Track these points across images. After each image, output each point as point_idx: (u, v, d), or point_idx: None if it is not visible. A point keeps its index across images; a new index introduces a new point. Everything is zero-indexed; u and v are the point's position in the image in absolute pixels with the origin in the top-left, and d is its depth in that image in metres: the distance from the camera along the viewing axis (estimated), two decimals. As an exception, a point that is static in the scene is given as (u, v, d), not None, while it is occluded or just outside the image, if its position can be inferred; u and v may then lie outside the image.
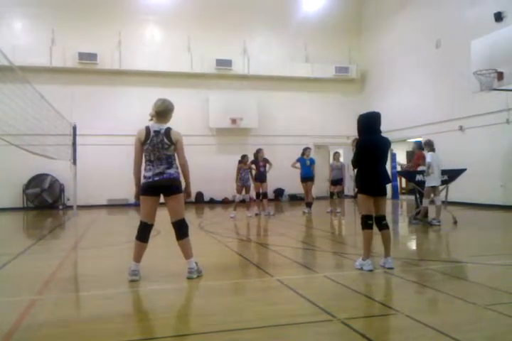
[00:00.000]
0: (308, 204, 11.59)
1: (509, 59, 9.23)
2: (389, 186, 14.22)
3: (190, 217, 10.74)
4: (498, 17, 11.47)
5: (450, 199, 9.41)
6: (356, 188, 4.98)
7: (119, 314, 3.34)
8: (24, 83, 9.24)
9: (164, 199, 4.35)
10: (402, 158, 19.27)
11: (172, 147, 4.30)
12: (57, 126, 12.05)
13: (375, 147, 4.76)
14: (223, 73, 16.64)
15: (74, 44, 15.06)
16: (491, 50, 9.69)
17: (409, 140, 15.72)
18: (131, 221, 8.48)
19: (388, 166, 10.93)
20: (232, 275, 4.63)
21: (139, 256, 4.32)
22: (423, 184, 8.71)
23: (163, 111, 4.37)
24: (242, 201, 11.21)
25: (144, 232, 4.33)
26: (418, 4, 15.11)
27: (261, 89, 16.92)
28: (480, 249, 6.00)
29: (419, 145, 9.80)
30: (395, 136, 14.03)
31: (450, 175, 8.89)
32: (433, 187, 8.46)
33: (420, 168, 9.14)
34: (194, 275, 4.31)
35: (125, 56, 15.57)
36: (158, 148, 4.26)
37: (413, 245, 6.99)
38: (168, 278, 4.39)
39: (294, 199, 16.73)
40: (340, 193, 11.92)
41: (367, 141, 4.80)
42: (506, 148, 11.51)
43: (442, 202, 8.73)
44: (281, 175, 14.34)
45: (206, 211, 13.69)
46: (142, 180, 4.34)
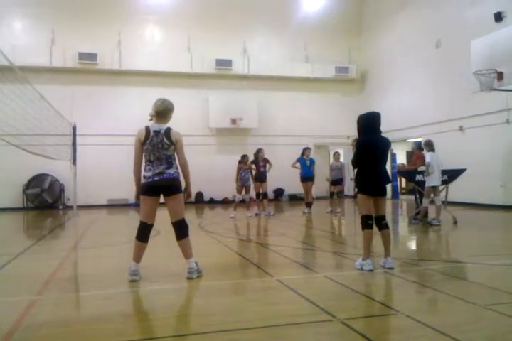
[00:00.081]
0: (308, 204, 11.59)
1: (509, 59, 9.23)
2: (389, 186, 14.21)
3: (190, 217, 10.73)
4: (498, 17, 11.47)
5: (450, 199, 9.41)
6: (356, 188, 4.98)
7: (119, 314, 3.34)
8: (24, 83, 9.23)
9: (164, 199, 4.35)
10: (402, 158, 19.27)
11: (172, 147, 4.30)
12: (57, 126, 12.05)
13: (375, 147, 4.76)
14: (223, 73, 16.63)
15: (74, 44, 15.06)
16: (491, 50, 9.69)
17: (409, 140, 15.72)
18: (131, 221, 8.48)
19: (388, 166, 10.92)
20: (232, 275, 4.62)
21: (138, 256, 4.32)
22: (423, 184, 8.72)
23: (163, 111, 4.37)
24: (242, 201, 11.21)
25: (144, 232, 4.33)
26: (418, 4, 15.11)
27: (261, 89, 16.91)
28: (480, 249, 6.00)
29: (419, 146, 9.81)
30: (395, 136, 14.04)
31: (450, 175, 8.89)
32: (433, 187, 8.47)
33: (420, 168, 9.14)
34: (194, 276, 4.31)
35: (125, 56, 15.58)
36: (158, 148, 4.26)
37: (413, 245, 6.99)
38: (168, 278, 4.39)
39: (294, 199, 16.73)
40: (340, 193, 11.94)
41: (367, 141, 4.80)
42: (506, 148, 11.51)
43: (442, 202, 8.73)
44: (281, 175, 14.35)
45: (206, 211, 13.69)
46: (142, 180, 4.34)
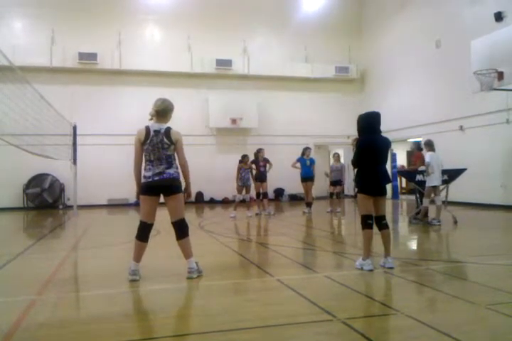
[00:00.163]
0: (309, 204, 11.59)
1: (509, 59, 9.22)
2: (389, 186, 14.22)
3: (190, 217, 10.73)
4: (498, 17, 11.47)
5: (450, 199, 9.40)
6: (356, 188, 4.98)
7: (119, 314, 3.34)
8: (24, 83, 9.23)
9: (164, 199, 4.35)
10: (402, 158, 19.28)
11: (172, 147, 4.30)
12: (58, 126, 12.05)
13: (375, 147, 4.75)
14: (223, 73, 16.63)
15: (74, 44, 15.05)
16: (491, 50, 9.68)
17: (409, 140, 15.71)
18: (132, 221, 8.46)
19: (388, 166, 10.92)
20: (232, 275, 4.62)
21: (139, 255, 4.32)
22: (423, 184, 8.71)
23: (163, 111, 4.37)
24: (243, 201, 11.22)
25: (144, 232, 4.33)
26: (418, 4, 15.10)
27: (261, 89, 16.91)
28: (480, 248, 5.99)
29: (418, 146, 9.81)
30: (394, 135, 14.03)
31: (450, 174, 8.89)
32: (434, 186, 8.47)
33: (421, 168, 9.14)
34: (194, 275, 4.31)
35: (125, 56, 15.57)
36: (158, 147, 4.26)
37: (413, 245, 6.99)
38: (168, 278, 4.39)
39: (294, 199, 16.72)
40: (339, 193, 11.95)
41: (367, 140, 4.80)
42: (506, 148, 11.51)
43: (442, 201, 8.73)
44: (282, 175, 14.37)
45: (206, 211, 13.69)
46: (142, 180, 4.34)
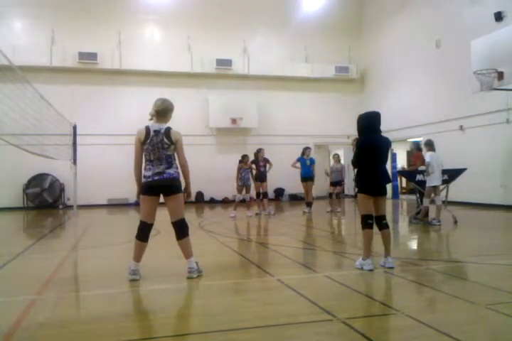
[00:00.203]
0: (309, 204, 11.60)
1: (509, 59, 9.22)
2: (389, 186, 14.22)
3: (190, 217, 10.73)
4: (498, 17, 11.46)
5: (450, 198, 9.40)
6: (356, 188, 4.98)
7: (119, 314, 3.34)
8: (24, 83, 9.23)
9: (164, 199, 4.35)
10: (402, 158, 19.27)
11: (172, 147, 4.30)
12: (58, 126, 12.05)
13: (375, 147, 4.75)
14: (223, 73, 16.63)
15: (74, 44, 15.05)
16: (491, 49, 9.68)
17: (409, 140, 15.71)
18: (132, 220, 8.47)
19: (388, 166, 10.93)
20: (232, 275, 4.62)
21: (139, 255, 4.32)
22: (424, 184, 8.71)
23: (163, 111, 4.37)
24: (243, 201, 11.22)
25: (144, 232, 4.33)
26: (418, 4, 15.09)
27: (261, 89, 16.91)
28: (480, 248, 5.99)
29: (417, 146, 9.81)
30: (394, 135, 14.02)
31: (450, 174, 8.89)
32: (434, 186, 8.47)
33: (421, 168, 9.14)
34: (194, 275, 4.31)
35: (125, 56, 15.57)
36: (158, 147, 4.26)
37: (413, 245, 6.99)
38: (168, 278, 4.39)
39: (294, 199, 16.72)
40: (339, 194, 11.97)
41: (367, 140, 4.80)
42: (506, 148, 11.51)
43: (442, 201, 8.73)
44: (282, 174, 14.37)
45: (206, 211, 13.69)
46: (142, 180, 4.34)
